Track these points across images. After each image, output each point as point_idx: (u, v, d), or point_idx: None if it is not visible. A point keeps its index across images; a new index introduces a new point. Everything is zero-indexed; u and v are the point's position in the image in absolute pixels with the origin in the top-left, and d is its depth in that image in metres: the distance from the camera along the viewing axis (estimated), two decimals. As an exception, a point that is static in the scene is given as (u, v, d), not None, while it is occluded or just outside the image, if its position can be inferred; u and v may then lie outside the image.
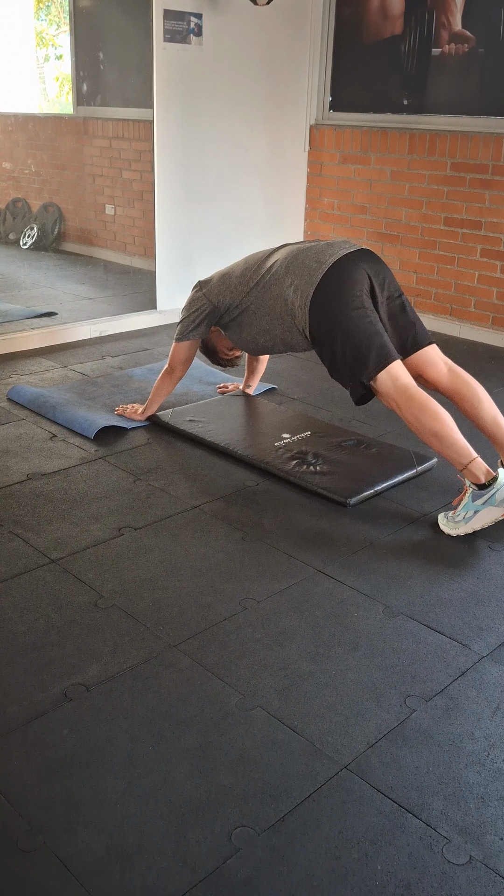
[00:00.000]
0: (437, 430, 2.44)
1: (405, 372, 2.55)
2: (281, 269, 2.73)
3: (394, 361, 2.53)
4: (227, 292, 2.89)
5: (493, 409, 2.67)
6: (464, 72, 4.47)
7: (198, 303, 2.98)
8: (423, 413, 2.46)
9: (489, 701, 1.81)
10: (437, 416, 2.45)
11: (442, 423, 2.44)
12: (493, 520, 2.40)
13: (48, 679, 1.83)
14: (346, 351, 2.56)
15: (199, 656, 1.91)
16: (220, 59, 4.58)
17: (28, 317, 4.61)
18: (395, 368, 2.52)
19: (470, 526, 2.43)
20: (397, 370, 2.52)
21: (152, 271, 4.75)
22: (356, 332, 2.54)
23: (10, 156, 6.68)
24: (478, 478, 2.41)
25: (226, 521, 2.54)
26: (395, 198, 4.87)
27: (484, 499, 2.40)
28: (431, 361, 2.71)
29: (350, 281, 2.59)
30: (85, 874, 1.38)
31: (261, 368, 3.53)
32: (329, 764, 1.62)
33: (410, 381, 2.54)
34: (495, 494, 2.38)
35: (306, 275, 2.63)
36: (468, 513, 2.43)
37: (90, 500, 2.64)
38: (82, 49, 5.89)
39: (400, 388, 2.50)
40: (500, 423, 2.65)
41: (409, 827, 1.49)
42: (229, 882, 1.37)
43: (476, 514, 2.41)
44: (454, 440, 2.44)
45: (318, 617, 2.08)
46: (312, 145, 5.20)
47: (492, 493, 2.38)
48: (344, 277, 2.60)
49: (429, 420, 2.45)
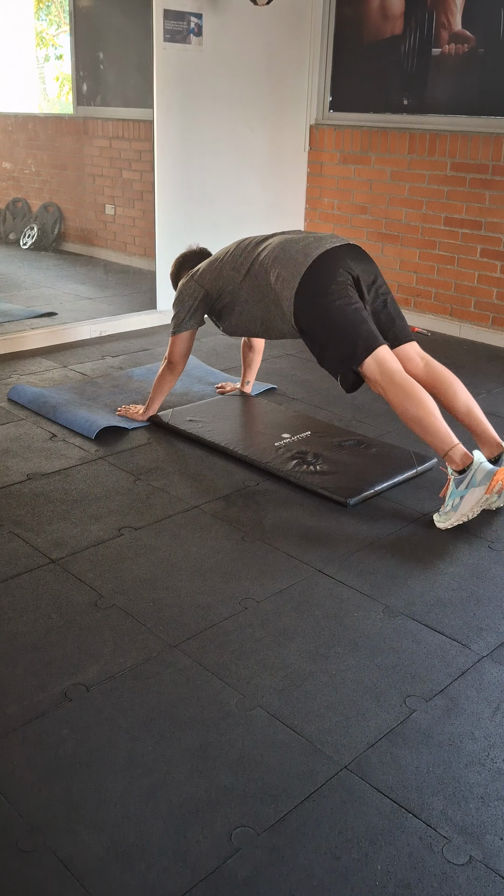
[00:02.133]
0: (419, 417, 2.50)
1: (392, 357, 2.60)
2: (268, 260, 2.77)
3: (380, 346, 2.58)
4: (220, 278, 2.93)
5: (467, 399, 2.73)
6: (464, 72, 4.47)
7: (190, 289, 3.01)
8: (407, 399, 2.51)
9: (489, 701, 1.81)
10: (421, 402, 2.50)
11: (425, 409, 2.50)
12: (478, 501, 2.43)
13: (48, 679, 1.83)
14: (334, 339, 2.61)
15: (199, 656, 1.91)
16: (220, 59, 4.58)
17: (28, 317, 4.61)
18: (382, 353, 2.57)
19: (460, 513, 2.46)
20: (383, 355, 2.57)
21: (152, 271, 4.75)
22: (342, 320, 2.59)
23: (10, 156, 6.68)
24: (457, 464, 2.48)
25: (226, 521, 2.54)
26: (395, 198, 4.87)
27: (465, 482, 2.45)
28: (408, 357, 2.76)
29: (334, 273, 2.64)
30: (85, 874, 1.38)
31: (256, 360, 3.52)
32: (329, 764, 1.62)
33: (397, 366, 2.58)
34: (474, 475, 2.44)
35: (292, 266, 2.68)
36: (455, 500, 2.47)
37: (90, 500, 2.64)
38: (82, 49, 5.89)
39: (386, 373, 2.55)
40: (472, 412, 2.71)
41: (409, 827, 1.49)
42: (229, 882, 1.37)
43: (462, 499, 2.46)
44: (437, 427, 2.49)
45: (318, 617, 2.08)
46: (312, 145, 5.20)
47: (471, 475, 2.44)
48: (329, 270, 2.64)
49: (412, 406, 2.51)
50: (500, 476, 2.42)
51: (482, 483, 2.42)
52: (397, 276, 4.96)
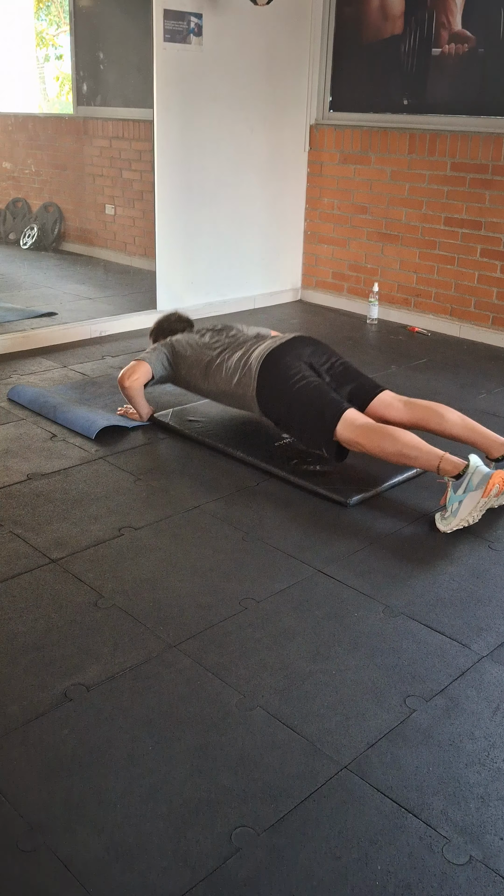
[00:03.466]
0: (399, 449, 2.60)
1: (358, 415, 2.73)
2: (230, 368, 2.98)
3: (346, 411, 2.71)
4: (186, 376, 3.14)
5: (457, 416, 2.81)
6: (464, 72, 4.47)
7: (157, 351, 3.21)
8: (383, 440, 2.63)
9: (489, 701, 1.81)
10: (395, 436, 2.62)
11: (402, 441, 2.61)
12: (477, 503, 2.45)
13: (48, 679, 1.83)
14: (304, 418, 2.79)
15: (199, 656, 1.91)
16: (220, 59, 4.58)
17: (28, 317, 4.61)
18: (348, 416, 2.71)
19: (460, 517, 2.47)
20: (351, 416, 2.70)
21: (152, 271, 4.75)
22: (304, 399, 2.78)
23: (10, 156, 6.68)
24: (451, 472, 2.52)
25: (226, 521, 2.54)
26: (395, 198, 4.87)
27: (463, 486, 2.48)
28: (387, 403, 2.89)
29: (286, 363, 2.86)
30: (85, 874, 1.38)
31: None
32: (329, 764, 1.62)
33: (364, 420, 2.72)
34: (471, 478, 2.46)
35: (248, 371, 2.91)
36: (454, 505, 2.49)
37: (90, 500, 2.64)
38: (82, 49, 5.89)
39: (356, 430, 2.67)
40: (469, 425, 2.78)
41: (409, 827, 1.49)
42: (229, 882, 1.37)
43: (461, 503, 2.47)
44: (419, 450, 2.59)
45: (318, 617, 2.08)
46: (312, 145, 5.20)
47: (468, 478, 2.47)
48: (282, 362, 2.86)
49: (389, 444, 2.61)
50: (496, 479, 2.43)
51: (479, 486, 2.44)
52: (397, 276, 4.97)
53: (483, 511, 2.48)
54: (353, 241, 5.15)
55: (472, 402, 3.64)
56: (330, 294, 5.36)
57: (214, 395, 3.09)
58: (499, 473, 2.44)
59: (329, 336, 4.64)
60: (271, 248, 5.27)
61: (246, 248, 5.12)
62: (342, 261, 5.23)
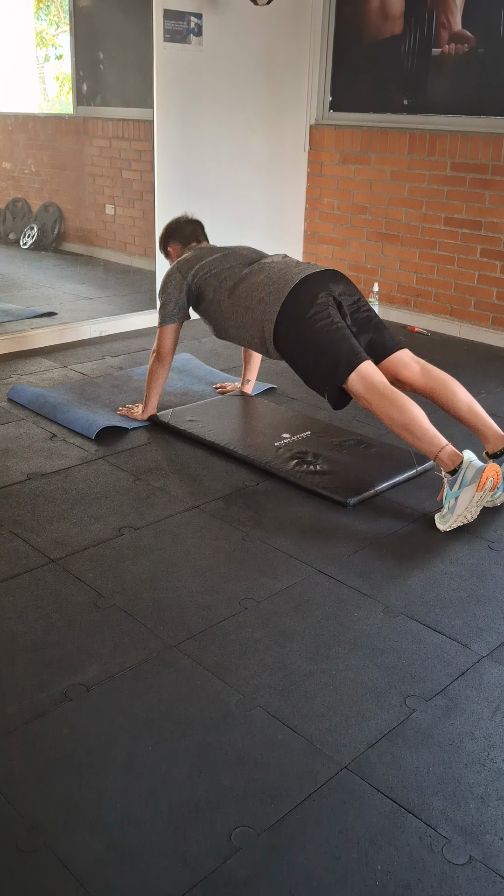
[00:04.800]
0: (406, 423, 2.53)
1: (375, 370, 2.64)
2: (253, 282, 2.84)
3: (362, 362, 2.62)
4: (203, 282, 2.99)
5: (467, 398, 2.75)
6: (464, 72, 4.47)
7: (175, 281, 3.06)
8: (392, 408, 2.55)
9: (489, 701, 1.81)
10: (406, 409, 2.54)
11: (411, 415, 2.53)
12: (472, 498, 2.44)
13: (48, 679, 1.83)
14: (317, 360, 2.68)
15: (199, 656, 1.91)
16: (220, 59, 4.58)
17: (28, 317, 4.61)
18: (365, 368, 2.61)
19: (457, 514, 2.46)
20: (366, 369, 2.62)
21: (152, 271, 4.75)
22: (323, 340, 2.66)
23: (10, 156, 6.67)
24: (447, 465, 2.50)
25: (226, 521, 2.54)
26: (395, 198, 4.87)
27: (457, 482, 2.46)
28: (403, 362, 2.80)
29: (315, 296, 2.72)
30: (85, 874, 1.38)
31: (256, 357, 3.53)
32: (329, 764, 1.62)
33: (380, 379, 2.62)
34: (465, 473, 2.45)
35: (275, 291, 2.77)
36: (451, 501, 2.48)
37: (90, 500, 2.64)
38: (82, 49, 5.89)
39: (369, 387, 2.60)
40: (474, 409, 2.74)
41: (409, 827, 1.49)
42: (229, 882, 1.37)
43: (457, 499, 2.46)
44: (424, 431, 2.53)
45: (318, 617, 2.08)
46: (312, 145, 5.20)
47: (462, 474, 2.46)
48: (310, 293, 2.73)
49: (398, 414, 2.54)
50: (489, 473, 2.43)
51: (473, 481, 2.43)
52: (397, 276, 4.97)
53: (480, 506, 2.48)
54: (353, 241, 5.15)
55: (472, 402, 3.64)
56: (330, 294, 5.35)
57: (234, 313, 2.89)
58: (492, 467, 2.45)
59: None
60: (271, 248, 5.26)
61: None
62: (342, 261, 5.23)
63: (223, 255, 3.04)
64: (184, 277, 3.05)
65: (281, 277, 2.80)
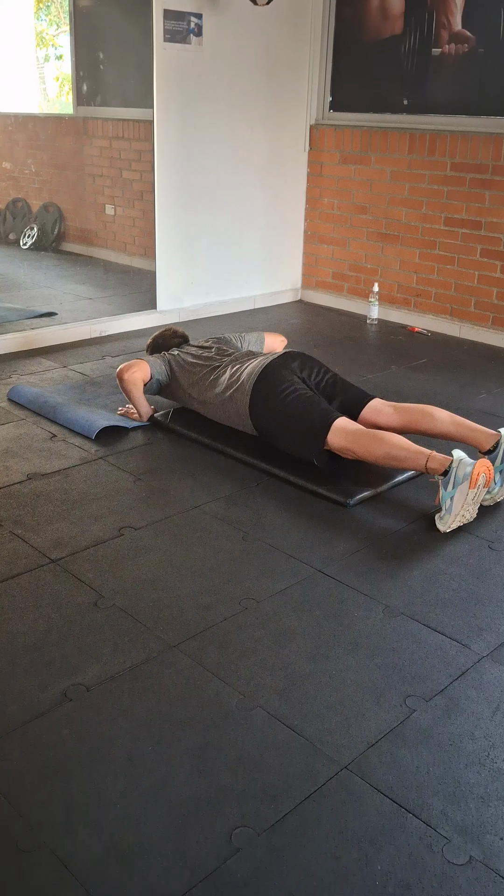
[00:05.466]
0: (387, 450, 2.64)
1: (349, 422, 2.78)
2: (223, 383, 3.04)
3: (336, 419, 2.74)
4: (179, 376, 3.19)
5: (447, 415, 2.85)
6: (464, 72, 4.47)
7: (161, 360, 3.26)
8: (371, 443, 2.67)
9: (489, 701, 1.81)
10: (382, 439, 2.67)
11: (389, 443, 2.65)
12: (467, 496, 2.46)
13: (48, 679, 1.83)
14: (295, 429, 2.83)
15: (199, 656, 1.91)
16: (220, 59, 4.58)
17: (28, 317, 4.61)
18: (339, 424, 2.75)
19: (455, 513, 2.48)
20: (341, 424, 2.75)
21: (152, 271, 4.75)
22: (295, 411, 2.83)
23: (10, 156, 6.67)
24: (438, 469, 2.55)
25: (226, 521, 2.54)
26: (395, 198, 4.87)
27: (450, 483, 2.50)
28: (377, 410, 2.94)
29: (278, 377, 2.91)
30: (85, 874, 1.38)
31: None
32: (329, 764, 1.62)
33: (355, 427, 2.76)
34: (455, 473, 2.49)
35: (241, 385, 2.97)
36: (447, 502, 2.51)
37: (90, 500, 2.64)
38: (82, 49, 5.89)
39: (348, 437, 2.71)
40: (459, 422, 2.81)
41: (409, 827, 1.49)
42: (229, 882, 1.37)
43: (452, 499, 2.49)
44: (406, 450, 2.62)
45: (318, 617, 2.08)
46: (312, 145, 5.20)
47: (453, 474, 2.49)
48: (274, 376, 2.91)
49: (377, 447, 2.66)
50: (479, 468, 2.45)
51: (465, 479, 2.46)
52: (397, 276, 4.97)
53: (477, 504, 2.50)
54: (353, 241, 5.15)
55: (472, 402, 3.64)
56: (330, 294, 5.36)
57: (208, 409, 3.12)
58: (481, 462, 2.47)
59: (329, 336, 4.65)
60: (271, 248, 5.28)
61: (246, 249, 5.12)
62: (342, 261, 5.23)
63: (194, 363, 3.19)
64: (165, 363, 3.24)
65: (245, 373, 2.99)
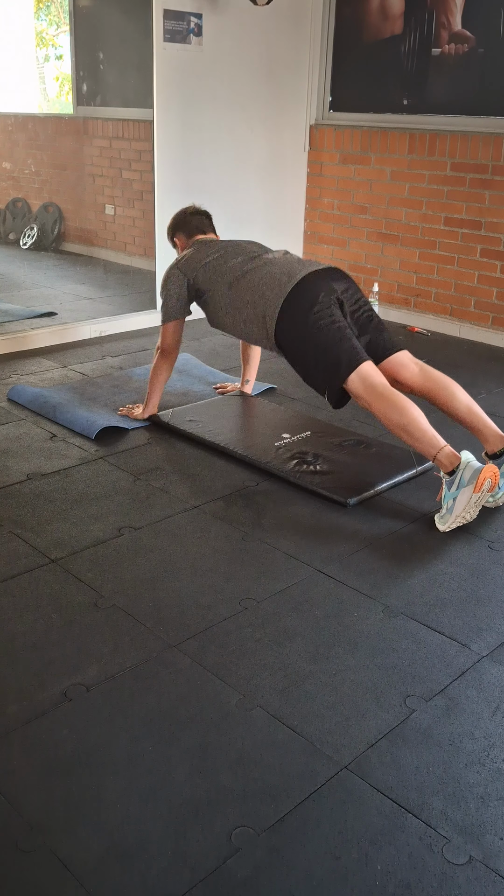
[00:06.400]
0: (404, 424, 2.54)
1: (375, 371, 2.65)
2: (255, 277, 2.85)
3: (363, 363, 2.63)
4: (204, 278, 3.00)
5: (466, 399, 2.76)
6: (464, 72, 4.47)
7: (175, 278, 3.09)
8: (391, 408, 2.56)
9: (489, 701, 1.81)
10: (405, 410, 2.55)
11: (409, 416, 2.54)
12: (470, 499, 2.44)
13: (48, 679, 1.83)
14: (318, 358, 2.69)
15: (199, 656, 1.91)
16: (220, 59, 4.58)
17: (28, 317, 4.61)
18: (365, 369, 2.62)
19: (456, 514, 2.47)
20: (367, 370, 2.62)
21: (152, 271, 4.75)
22: (325, 339, 2.67)
23: (10, 156, 6.67)
24: (445, 466, 2.50)
25: (226, 521, 2.54)
26: (395, 198, 4.87)
27: (455, 483, 2.47)
28: (402, 363, 2.81)
29: (317, 293, 2.72)
30: (85, 874, 1.38)
31: (255, 357, 3.53)
32: (329, 764, 1.62)
33: (380, 379, 2.63)
34: (462, 475, 2.45)
35: (277, 287, 2.78)
36: (449, 502, 2.49)
37: (90, 500, 2.64)
38: (82, 49, 5.89)
39: (369, 388, 2.61)
40: (473, 410, 2.74)
41: (409, 827, 1.49)
42: (229, 882, 1.37)
43: (455, 500, 2.47)
44: (423, 432, 2.53)
45: (318, 617, 2.08)
46: (312, 145, 5.20)
47: (459, 475, 2.46)
48: (312, 291, 2.73)
49: (396, 415, 2.55)
50: (486, 473, 2.43)
51: (471, 482, 2.44)
52: (397, 276, 4.97)
53: (478, 507, 2.49)
54: (353, 241, 5.15)
55: (472, 402, 3.63)
56: (330, 294, 5.35)
57: (234, 308, 2.89)
58: (489, 468, 2.44)
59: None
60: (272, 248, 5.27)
61: (246, 248, 5.12)
62: (342, 261, 5.23)
63: (224, 251, 3.04)
64: (184, 274, 3.07)
65: (284, 274, 2.80)
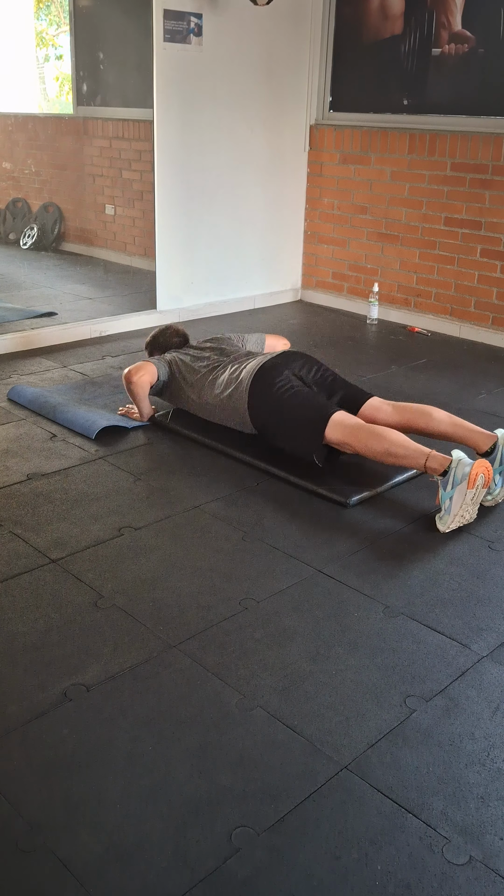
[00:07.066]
0: (386, 447, 2.64)
1: (348, 416, 2.78)
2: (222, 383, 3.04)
3: (335, 413, 2.75)
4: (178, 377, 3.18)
5: (446, 415, 2.85)
6: (464, 72, 4.47)
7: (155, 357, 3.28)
8: (370, 438, 2.67)
9: (489, 701, 1.81)
10: (382, 436, 2.67)
11: (388, 439, 2.66)
12: (466, 496, 2.46)
13: (48, 679, 1.83)
14: (293, 423, 2.83)
15: (199, 656, 1.91)
16: (220, 59, 4.58)
17: (28, 317, 4.61)
18: (337, 417, 2.75)
19: (454, 513, 2.48)
20: (339, 418, 2.75)
21: (152, 271, 4.75)
22: (294, 407, 2.83)
23: (10, 156, 6.67)
24: (437, 469, 2.55)
25: (226, 521, 2.54)
26: (395, 198, 4.87)
27: (450, 483, 2.50)
28: (376, 407, 2.94)
29: (276, 373, 2.91)
30: (85, 874, 1.38)
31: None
32: (329, 764, 1.62)
33: (354, 421, 2.76)
34: (454, 473, 2.49)
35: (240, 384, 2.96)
36: (446, 502, 2.51)
37: (90, 500, 2.64)
38: (82, 49, 5.89)
39: (346, 431, 2.71)
40: (457, 422, 2.81)
41: (409, 827, 1.49)
42: (229, 882, 1.37)
43: (451, 499, 2.49)
44: (406, 448, 2.63)
45: (318, 617, 2.08)
46: (312, 145, 5.20)
47: (452, 473, 2.49)
48: (271, 375, 2.91)
49: (375, 442, 2.65)
50: (478, 468, 2.45)
51: (464, 479, 2.46)
52: (397, 276, 4.97)
53: (476, 504, 2.50)
54: (353, 241, 5.15)
55: (472, 402, 3.64)
56: (330, 294, 5.36)
57: (207, 410, 3.11)
58: (480, 463, 2.47)
59: (329, 336, 4.65)
60: (271, 248, 5.27)
61: (246, 248, 5.12)
62: (342, 261, 5.23)
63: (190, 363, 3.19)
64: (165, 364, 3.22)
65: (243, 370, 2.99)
